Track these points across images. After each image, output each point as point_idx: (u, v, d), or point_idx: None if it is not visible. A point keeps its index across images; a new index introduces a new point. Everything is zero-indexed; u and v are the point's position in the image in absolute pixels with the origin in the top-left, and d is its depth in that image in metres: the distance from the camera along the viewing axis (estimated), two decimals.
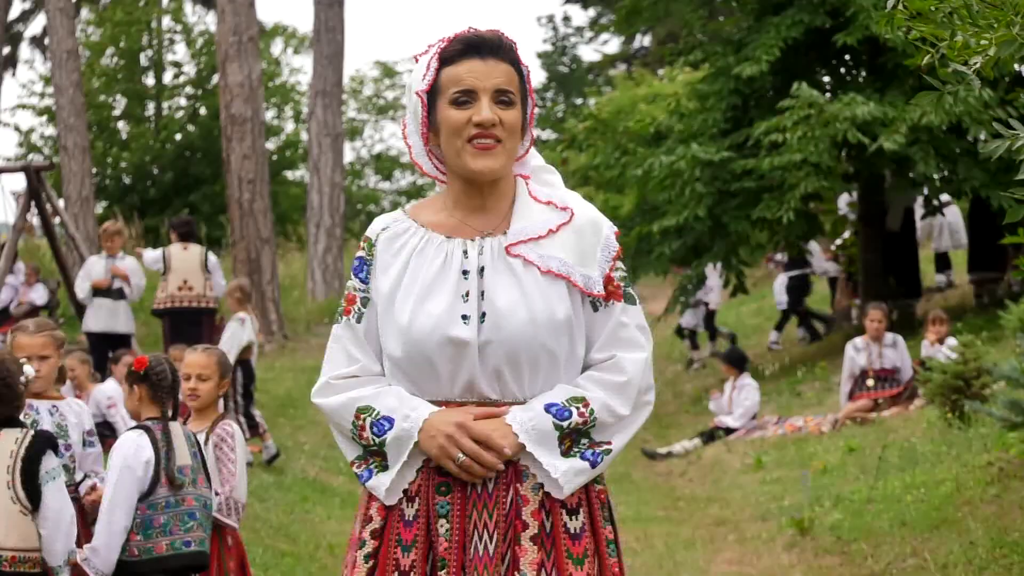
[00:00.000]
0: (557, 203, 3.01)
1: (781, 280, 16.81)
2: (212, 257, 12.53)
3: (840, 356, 12.10)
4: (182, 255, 12.31)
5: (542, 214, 2.99)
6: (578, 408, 2.92)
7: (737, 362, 12.40)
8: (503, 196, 3.03)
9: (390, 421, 2.94)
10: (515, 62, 2.99)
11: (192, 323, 12.19)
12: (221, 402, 5.56)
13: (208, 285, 12.29)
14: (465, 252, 2.97)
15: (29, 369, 4.77)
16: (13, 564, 4.47)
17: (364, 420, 2.96)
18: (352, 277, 3.06)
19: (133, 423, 11.47)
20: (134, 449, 4.81)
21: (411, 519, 2.94)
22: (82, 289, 12.18)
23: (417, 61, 3.04)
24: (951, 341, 10.76)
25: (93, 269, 12.12)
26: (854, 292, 15.85)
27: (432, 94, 2.99)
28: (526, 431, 2.89)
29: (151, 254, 12.65)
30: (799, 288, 16.37)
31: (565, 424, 2.90)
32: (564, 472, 2.90)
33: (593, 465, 2.92)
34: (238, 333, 10.88)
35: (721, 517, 9.05)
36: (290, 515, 8.96)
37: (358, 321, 3.03)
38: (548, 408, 2.91)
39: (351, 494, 10.13)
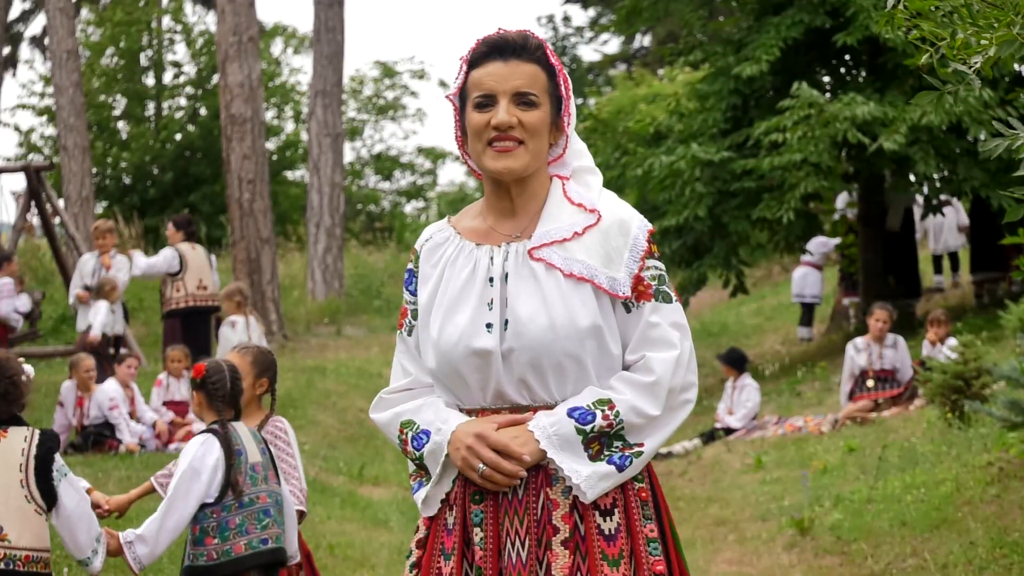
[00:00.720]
0: (587, 206, 2.99)
1: (800, 272, 16.49)
2: (212, 256, 12.62)
3: (840, 356, 12.10)
4: (193, 254, 12.33)
5: (571, 216, 2.97)
6: (603, 411, 2.89)
7: (736, 363, 12.38)
8: (533, 197, 3.01)
9: (427, 434, 2.97)
10: (542, 61, 2.98)
11: (206, 322, 12.24)
12: (269, 399, 5.56)
13: (215, 283, 12.39)
14: (492, 259, 2.97)
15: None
16: (27, 564, 4.46)
17: (407, 434, 3.01)
18: (405, 290, 3.10)
19: (134, 424, 11.51)
20: (202, 452, 4.82)
21: (451, 527, 2.97)
22: (71, 295, 12.20)
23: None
24: (951, 341, 10.76)
25: (84, 268, 12.12)
26: (846, 291, 15.82)
27: (463, 98, 3.01)
28: (547, 437, 2.88)
29: (152, 259, 12.51)
30: None
31: (588, 428, 2.88)
32: (587, 477, 2.87)
33: (620, 469, 2.89)
34: (230, 337, 10.98)
35: (721, 517, 9.05)
36: None
37: (409, 334, 3.07)
38: (571, 413, 2.89)
39: (351, 494, 10.14)
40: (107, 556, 4.63)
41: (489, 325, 2.91)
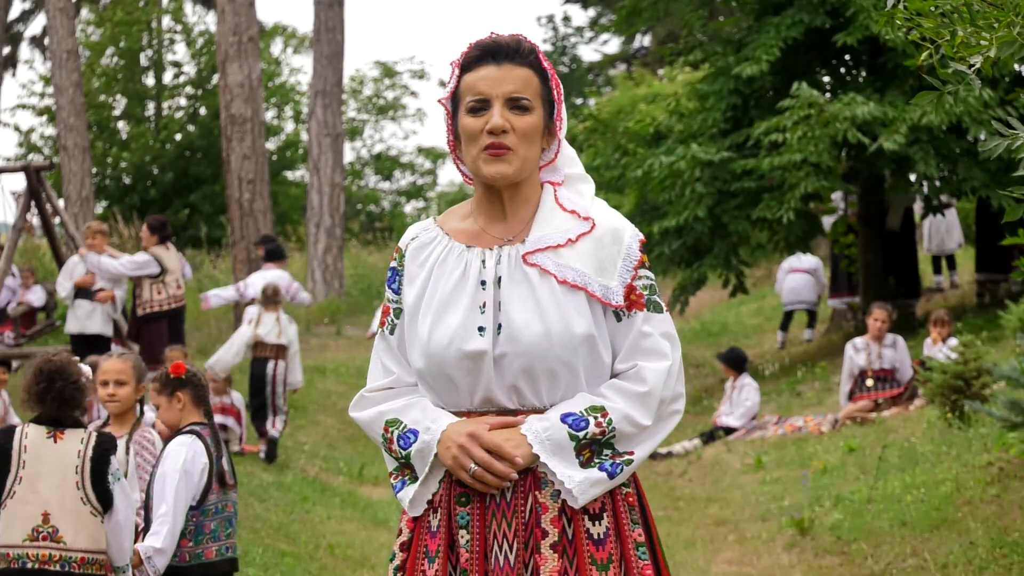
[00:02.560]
0: (580, 213, 2.98)
1: (803, 280, 16.34)
2: (183, 258, 12.76)
3: (840, 356, 12.10)
4: (167, 255, 12.28)
5: (564, 223, 2.96)
6: (595, 418, 2.88)
7: (735, 363, 12.38)
8: (526, 203, 3.00)
9: (415, 434, 2.94)
10: (535, 66, 2.96)
11: (182, 321, 12.24)
12: (138, 407, 5.46)
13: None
14: (483, 262, 2.95)
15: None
16: (83, 565, 4.45)
17: (392, 433, 2.98)
18: (387, 288, 3.07)
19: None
20: (191, 455, 4.81)
21: (435, 529, 2.94)
22: (63, 288, 12.13)
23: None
24: (952, 341, 10.75)
25: (76, 269, 12.07)
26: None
27: (456, 102, 2.99)
28: (540, 441, 2.87)
29: (118, 263, 12.19)
30: None
31: (581, 434, 2.87)
32: (579, 483, 2.86)
33: (611, 476, 2.89)
34: (244, 331, 11.12)
35: (721, 517, 9.05)
36: (290, 515, 8.96)
37: (391, 332, 3.05)
38: (564, 418, 2.88)
39: (351, 494, 10.14)
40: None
41: (481, 328, 2.89)
